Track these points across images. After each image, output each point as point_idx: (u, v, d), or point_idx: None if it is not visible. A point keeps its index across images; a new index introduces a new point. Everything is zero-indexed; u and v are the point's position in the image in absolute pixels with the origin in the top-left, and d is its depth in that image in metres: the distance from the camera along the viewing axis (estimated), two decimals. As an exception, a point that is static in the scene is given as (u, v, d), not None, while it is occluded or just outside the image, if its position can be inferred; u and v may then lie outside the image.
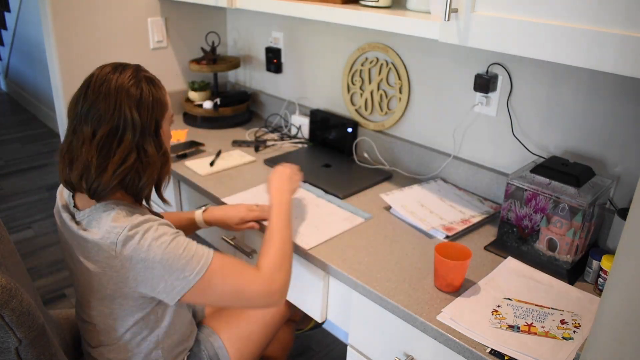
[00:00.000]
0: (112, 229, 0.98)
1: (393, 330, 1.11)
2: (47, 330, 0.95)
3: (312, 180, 1.59)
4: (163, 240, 0.98)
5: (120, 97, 0.99)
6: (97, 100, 0.99)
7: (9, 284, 0.87)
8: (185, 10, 2.12)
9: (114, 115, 0.98)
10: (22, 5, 4.18)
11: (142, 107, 1.01)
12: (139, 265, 0.97)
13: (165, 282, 0.99)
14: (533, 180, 1.20)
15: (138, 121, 1.00)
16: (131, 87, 1.00)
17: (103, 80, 1.00)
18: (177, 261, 0.98)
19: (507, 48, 0.98)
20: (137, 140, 1.01)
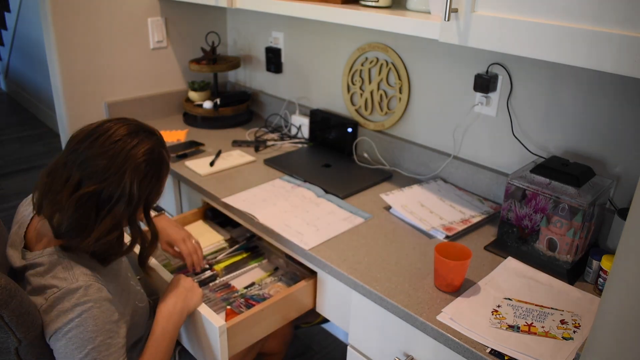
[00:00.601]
0: (55, 280, 0.93)
1: (393, 330, 1.11)
2: (47, 330, 0.95)
3: (312, 180, 1.59)
4: (87, 328, 0.92)
5: (126, 165, 0.93)
6: (101, 156, 0.93)
7: (9, 284, 0.87)
8: (185, 10, 2.12)
9: (110, 180, 0.93)
10: (22, 5, 4.18)
11: (142, 185, 0.96)
12: (52, 325, 0.92)
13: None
14: (533, 180, 1.20)
15: (136, 195, 0.95)
16: (142, 163, 0.95)
17: (117, 139, 0.94)
18: (80, 354, 0.92)
19: (507, 48, 0.98)
20: (131, 214, 0.97)
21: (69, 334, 0.91)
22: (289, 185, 1.56)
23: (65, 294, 0.92)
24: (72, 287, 0.93)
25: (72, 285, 0.93)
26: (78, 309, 0.92)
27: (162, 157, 1.00)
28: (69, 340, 0.91)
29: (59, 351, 0.93)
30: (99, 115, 1.98)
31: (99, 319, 0.93)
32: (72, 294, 0.92)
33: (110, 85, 1.99)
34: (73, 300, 0.92)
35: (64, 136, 1.97)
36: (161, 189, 1.03)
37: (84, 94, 1.93)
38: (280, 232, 1.30)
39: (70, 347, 0.91)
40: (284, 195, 1.49)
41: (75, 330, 0.91)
